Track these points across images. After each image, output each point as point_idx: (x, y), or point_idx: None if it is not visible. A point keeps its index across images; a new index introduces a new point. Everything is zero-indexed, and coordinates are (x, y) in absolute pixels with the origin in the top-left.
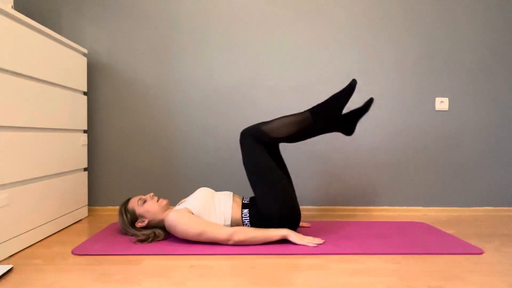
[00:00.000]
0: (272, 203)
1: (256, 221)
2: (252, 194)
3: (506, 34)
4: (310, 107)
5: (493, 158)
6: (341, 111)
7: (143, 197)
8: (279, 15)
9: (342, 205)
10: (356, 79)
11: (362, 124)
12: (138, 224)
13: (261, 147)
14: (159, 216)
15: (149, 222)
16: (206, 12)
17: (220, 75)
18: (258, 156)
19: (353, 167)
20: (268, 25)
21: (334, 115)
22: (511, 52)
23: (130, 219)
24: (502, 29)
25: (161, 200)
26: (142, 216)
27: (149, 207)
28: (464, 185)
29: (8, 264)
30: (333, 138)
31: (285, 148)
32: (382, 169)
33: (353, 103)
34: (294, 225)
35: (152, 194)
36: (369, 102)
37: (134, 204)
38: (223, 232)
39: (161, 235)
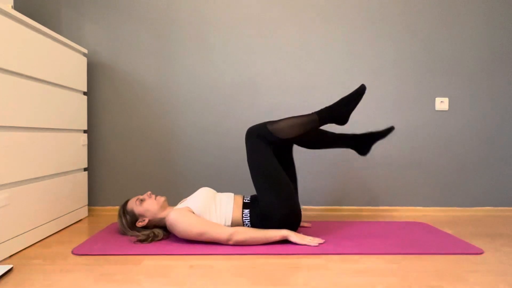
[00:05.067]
0: (274, 203)
1: (257, 222)
2: (253, 193)
3: (506, 34)
4: (310, 106)
5: (493, 158)
6: (349, 116)
7: (141, 196)
8: (280, 15)
9: (343, 205)
10: (365, 85)
11: (362, 123)
12: (139, 224)
13: (266, 147)
14: (159, 214)
15: (149, 221)
16: (206, 12)
17: (221, 74)
18: (262, 155)
19: (353, 167)
20: (268, 25)
21: (340, 119)
22: (511, 52)
23: (130, 220)
24: (502, 29)
25: (158, 197)
26: (142, 216)
27: (148, 206)
28: (464, 185)
29: (8, 264)
30: None
31: None
32: (382, 169)
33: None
34: (294, 225)
35: (149, 192)
36: (389, 129)
37: (133, 204)
38: (224, 232)
39: (160, 234)
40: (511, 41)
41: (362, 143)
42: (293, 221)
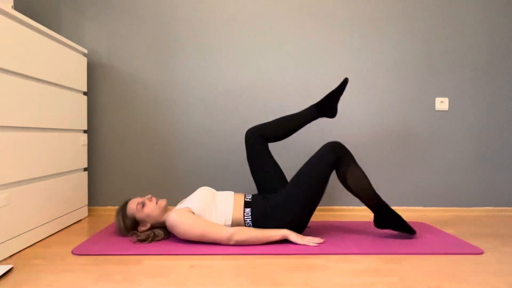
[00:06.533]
0: (298, 208)
1: (258, 221)
2: (252, 192)
3: (506, 34)
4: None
5: (493, 158)
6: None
7: (141, 199)
8: (280, 15)
9: (342, 205)
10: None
11: (362, 123)
12: (141, 229)
13: (330, 168)
14: (161, 218)
15: (151, 225)
16: (207, 12)
17: (221, 75)
18: (324, 169)
19: None
20: (269, 25)
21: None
22: (511, 52)
23: (130, 225)
24: (502, 29)
25: (159, 201)
26: (144, 221)
27: (149, 211)
28: (464, 185)
29: (8, 264)
30: (333, 137)
31: (285, 147)
32: (382, 169)
33: (349, 103)
34: (299, 231)
35: (150, 196)
36: (344, 82)
37: (133, 209)
38: (224, 232)
39: (160, 234)
40: (511, 41)
41: (326, 106)
42: (300, 227)
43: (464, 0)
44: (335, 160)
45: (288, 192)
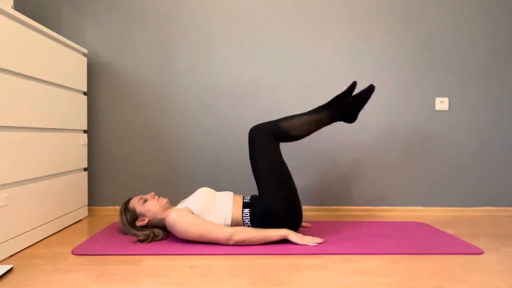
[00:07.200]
0: (279, 201)
1: (257, 221)
2: (253, 193)
3: (506, 34)
4: (310, 107)
5: (493, 158)
6: (357, 114)
7: (144, 196)
8: (280, 15)
9: (342, 205)
10: (373, 84)
11: (362, 123)
12: (139, 223)
13: (276, 144)
14: (160, 215)
15: (149, 221)
16: (207, 12)
17: (221, 75)
18: (272, 153)
19: (353, 167)
20: (269, 25)
21: (350, 119)
22: (511, 52)
23: (130, 218)
24: (502, 29)
25: (161, 198)
26: (143, 215)
27: (150, 206)
28: (464, 185)
29: (8, 264)
30: (333, 138)
31: (285, 147)
32: (382, 169)
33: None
34: (295, 226)
35: (153, 193)
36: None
37: (135, 203)
38: (224, 232)
39: (160, 234)
40: (511, 41)
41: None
42: (294, 221)
43: (464, 0)
44: (271, 135)
45: (266, 189)
